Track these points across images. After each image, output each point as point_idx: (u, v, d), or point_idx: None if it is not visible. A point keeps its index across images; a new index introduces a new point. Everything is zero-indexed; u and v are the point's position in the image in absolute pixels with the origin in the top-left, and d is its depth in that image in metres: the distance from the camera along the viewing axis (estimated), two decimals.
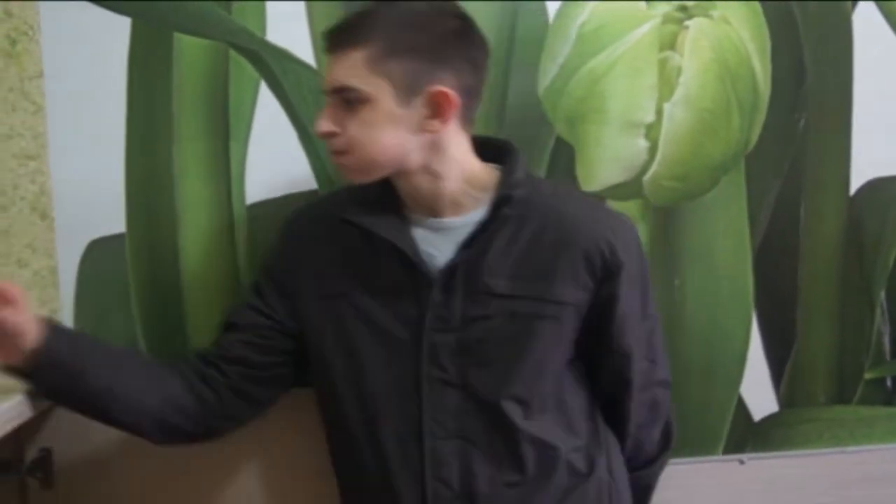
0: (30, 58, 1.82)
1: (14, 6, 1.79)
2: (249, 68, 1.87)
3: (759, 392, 2.06)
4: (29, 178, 1.83)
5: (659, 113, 1.96)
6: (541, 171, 1.94)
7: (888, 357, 2.11)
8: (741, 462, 2.06)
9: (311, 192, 1.90)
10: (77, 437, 1.86)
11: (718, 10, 1.96)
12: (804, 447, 2.09)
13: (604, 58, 1.93)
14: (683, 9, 1.95)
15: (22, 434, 1.82)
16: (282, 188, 1.90)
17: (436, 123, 1.55)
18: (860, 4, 2.04)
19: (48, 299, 1.85)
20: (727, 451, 2.06)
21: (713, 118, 1.97)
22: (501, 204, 1.59)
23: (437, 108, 1.54)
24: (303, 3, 1.88)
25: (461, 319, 1.60)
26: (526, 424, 1.61)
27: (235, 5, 1.86)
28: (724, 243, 1.80)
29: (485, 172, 1.64)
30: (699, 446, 2.03)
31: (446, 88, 1.53)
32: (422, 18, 1.56)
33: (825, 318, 2.07)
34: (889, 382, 2.11)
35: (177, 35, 1.85)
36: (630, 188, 1.97)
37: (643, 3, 1.94)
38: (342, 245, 1.66)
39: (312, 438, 1.81)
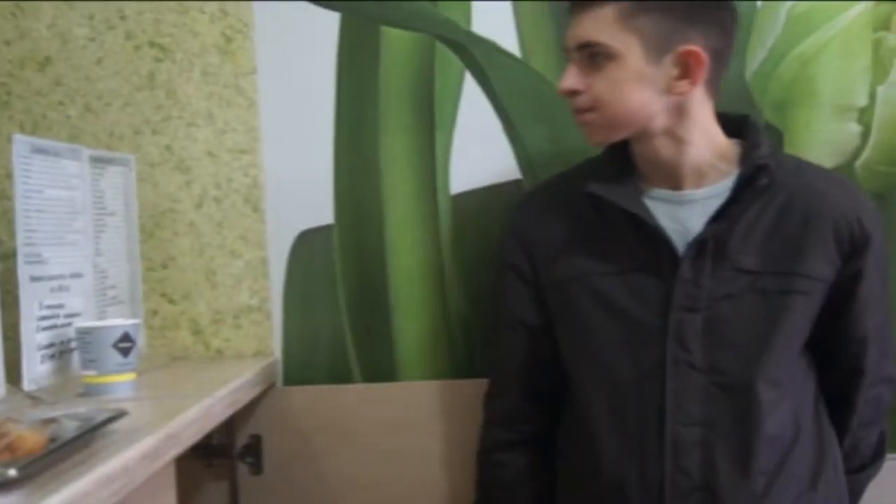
0: (244, 54, 1.87)
1: (230, 5, 1.86)
2: (455, 60, 1.88)
3: None
4: (242, 171, 1.88)
5: (872, 96, 1.90)
6: None
7: None
8: None
9: (516, 182, 1.90)
10: (286, 424, 1.91)
11: None
12: None
13: (814, 40, 1.88)
14: None
15: (234, 421, 1.87)
16: (486, 178, 1.91)
17: (684, 84, 1.50)
18: None
19: (259, 289, 1.91)
20: None
21: None
22: (753, 176, 1.53)
23: (686, 69, 1.50)
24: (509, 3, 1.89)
25: (709, 298, 1.53)
26: (773, 409, 1.54)
27: (441, 4, 1.88)
28: None
29: (728, 145, 1.59)
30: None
31: (697, 48, 1.49)
32: None
33: None
34: None
35: (384, 28, 1.88)
36: (841, 174, 1.90)
37: None
38: (576, 224, 1.62)
39: None
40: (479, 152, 1.91)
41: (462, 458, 1.88)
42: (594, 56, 1.50)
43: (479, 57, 1.88)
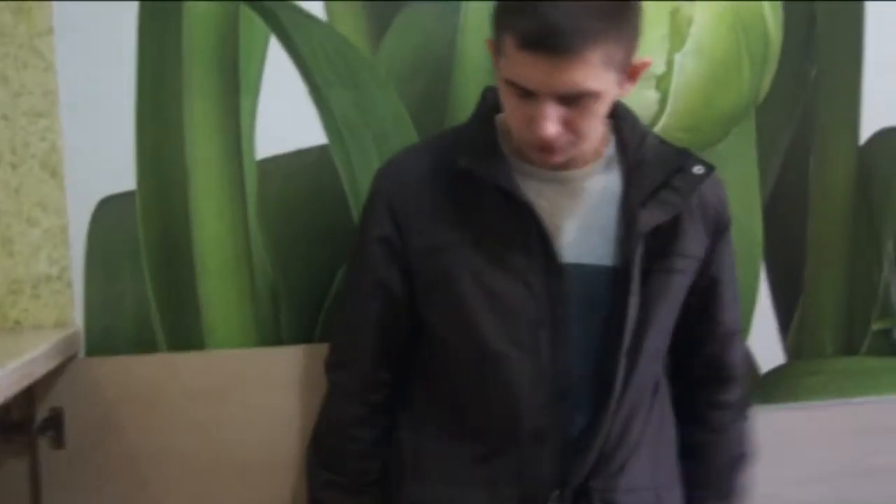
0: (40, 14, 1.80)
1: None
2: (260, 23, 1.86)
3: (766, 344, 2.08)
4: (39, 135, 1.82)
5: (669, 64, 1.96)
6: None
7: None
8: None
9: (322, 147, 1.90)
10: (89, 397, 1.86)
11: None
12: (809, 399, 2.11)
13: None
14: None
15: (33, 393, 1.82)
16: (292, 143, 1.90)
17: (629, 87, 1.52)
18: None
19: (58, 258, 1.85)
20: None
21: (724, 69, 1.98)
22: (627, 157, 1.60)
23: (634, 76, 1.52)
24: None
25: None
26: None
27: None
28: (734, 194, 1.79)
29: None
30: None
31: (645, 58, 1.52)
32: (630, 4, 1.48)
33: (833, 268, 2.09)
34: None
35: None
36: None
37: None
38: (447, 193, 1.61)
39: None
40: (285, 117, 1.89)
41: (268, 425, 1.90)
42: (576, 98, 1.44)
43: (284, 20, 1.86)
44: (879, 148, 2.08)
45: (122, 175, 1.86)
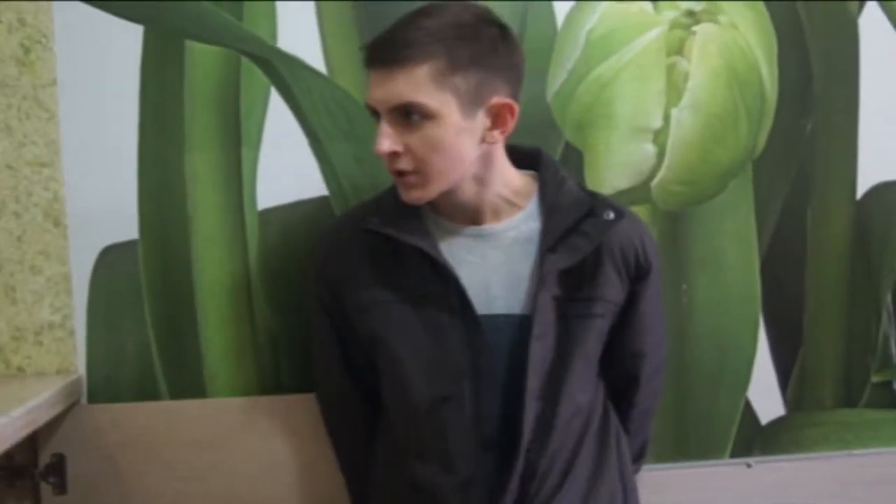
0: (43, 66, 1.83)
1: (28, 15, 1.81)
2: (261, 75, 1.88)
3: (766, 396, 2.08)
4: (42, 184, 1.84)
5: (667, 118, 1.97)
6: None
7: (895, 361, 2.12)
8: (748, 465, 2.07)
9: (322, 198, 1.91)
10: (91, 443, 1.87)
11: (726, 15, 1.98)
12: (811, 450, 2.10)
13: (612, 63, 1.95)
14: (691, 14, 1.97)
15: (36, 439, 1.83)
16: (293, 194, 1.91)
17: (496, 134, 1.55)
18: (866, 7, 2.07)
19: (61, 306, 1.86)
20: (735, 454, 2.08)
21: (721, 123, 1.99)
22: (551, 215, 1.62)
23: (497, 119, 1.54)
24: (313, 4, 1.90)
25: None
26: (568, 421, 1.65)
27: (247, 5, 1.87)
28: (732, 248, 1.81)
29: (521, 179, 1.66)
30: (707, 450, 2.04)
31: (506, 98, 1.53)
32: (470, 28, 1.51)
33: (832, 322, 2.09)
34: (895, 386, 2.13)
35: (188, 43, 1.86)
36: (638, 193, 1.98)
37: (651, 8, 1.96)
38: (371, 256, 1.65)
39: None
40: (286, 168, 1.90)
41: (269, 474, 1.89)
42: (409, 115, 1.49)
43: (284, 73, 1.88)
44: (876, 202, 2.08)
45: (124, 224, 1.87)
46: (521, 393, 1.58)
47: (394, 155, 1.52)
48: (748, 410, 2.07)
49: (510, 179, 1.64)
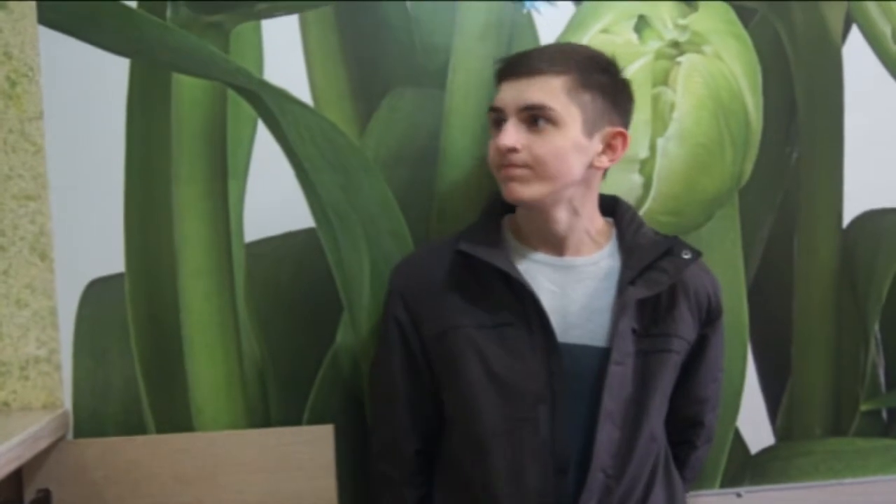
0: (30, 99, 1.83)
1: (14, 49, 1.81)
2: (247, 108, 1.88)
3: (755, 425, 2.08)
4: (29, 218, 1.84)
5: (653, 148, 1.98)
6: None
7: (883, 389, 2.12)
8: (738, 495, 2.07)
9: (309, 230, 1.91)
10: (77, 478, 1.85)
11: (710, 46, 1.99)
12: (800, 480, 2.10)
13: None
14: (676, 44, 1.98)
15: (22, 474, 1.82)
16: (280, 226, 1.91)
17: (604, 159, 1.65)
18: (850, 36, 2.08)
19: (47, 340, 1.86)
20: (724, 484, 2.07)
21: (707, 153, 1.99)
22: (624, 244, 1.71)
23: (609, 147, 1.64)
24: (297, 29, 1.91)
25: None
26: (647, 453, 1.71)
27: (233, 38, 1.87)
28: (719, 277, 1.81)
29: (602, 221, 1.76)
30: (697, 480, 2.02)
31: (623, 129, 1.65)
32: (604, 62, 1.64)
33: (820, 350, 2.09)
34: (884, 414, 2.12)
35: (175, 75, 1.86)
36: None
37: (636, 39, 1.97)
38: (452, 281, 1.70)
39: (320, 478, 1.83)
40: (273, 200, 1.90)
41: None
42: (537, 119, 1.59)
43: (271, 105, 1.88)
44: (862, 230, 2.09)
45: (110, 258, 1.87)
46: (597, 416, 1.61)
47: (512, 151, 1.59)
48: (738, 440, 2.07)
49: (596, 218, 1.73)
